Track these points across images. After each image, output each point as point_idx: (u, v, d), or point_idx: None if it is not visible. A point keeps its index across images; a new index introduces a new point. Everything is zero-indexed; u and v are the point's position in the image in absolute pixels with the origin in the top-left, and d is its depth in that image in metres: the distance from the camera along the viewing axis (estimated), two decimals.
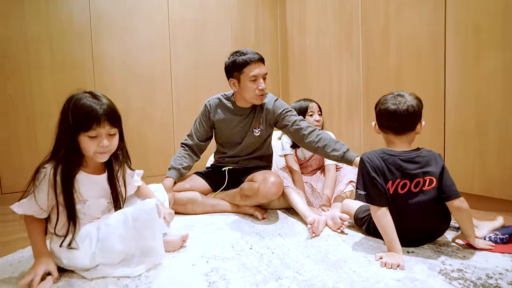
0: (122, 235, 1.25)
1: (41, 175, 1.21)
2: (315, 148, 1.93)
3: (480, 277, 1.21)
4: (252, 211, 1.98)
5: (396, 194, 1.41)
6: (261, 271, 1.30)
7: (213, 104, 2.12)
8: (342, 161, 1.86)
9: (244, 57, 1.91)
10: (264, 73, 1.95)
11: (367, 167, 1.43)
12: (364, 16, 2.71)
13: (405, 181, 1.41)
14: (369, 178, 1.41)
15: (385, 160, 1.43)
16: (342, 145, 1.87)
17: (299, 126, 1.97)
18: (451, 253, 1.41)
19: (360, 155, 1.50)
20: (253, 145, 2.12)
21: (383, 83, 2.58)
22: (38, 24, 2.55)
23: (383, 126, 1.48)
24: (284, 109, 2.03)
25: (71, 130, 1.19)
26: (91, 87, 2.74)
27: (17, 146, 2.51)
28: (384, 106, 1.44)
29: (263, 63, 1.96)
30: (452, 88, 2.11)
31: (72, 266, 1.28)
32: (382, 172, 1.42)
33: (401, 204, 1.41)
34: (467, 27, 2.01)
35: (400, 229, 1.39)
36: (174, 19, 3.12)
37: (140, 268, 1.29)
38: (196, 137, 2.15)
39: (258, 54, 1.95)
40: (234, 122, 2.08)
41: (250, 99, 1.99)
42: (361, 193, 1.44)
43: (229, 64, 1.97)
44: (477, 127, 2.00)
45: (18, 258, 1.48)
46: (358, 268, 1.30)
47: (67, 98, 1.25)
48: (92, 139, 1.21)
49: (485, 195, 2.00)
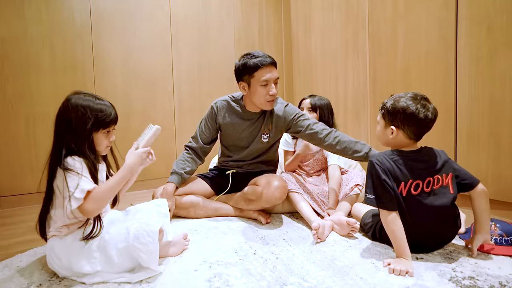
0: (120, 249, 1.27)
1: (77, 163, 1.25)
2: (335, 151, 1.91)
3: (493, 285, 1.19)
4: (255, 216, 1.97)
5: (409, 196, 1.40)
6: (265, 277, 1.29)
7: (220, 107, 2.08)
8: (367, 161, 1.83)
9: (256, 60, 1.86)
10: (276, 78, 1.90)
11: (377, 170, 1.40)
12: (371, 15, 2.70)
13: (418, 182, 1.40)
14: (379, 181, 1.39)
15: (395, 161, 1.41)
16: (363, 145, 1.85)
17: (314, 130, 1.94)
18: (462, 260, 1.39)
19: (370, 158, 1.47)
20: (260, 150, 2.10)
21: (390, 84, 2.56)
22: (37, 25, 2.56)
23: (403, 129, 1.43)
24: (295, 114, 2.01)
25: (93, 127, 1.30)
26: (92, 88, 2.75)
27: (16, 149, 2.51)
28: (411, 110, 1.38)
29: (275, 67, 1.91)
30: (464, 90, 2.09)
31: (71, 270, 1.28)
32: (394, 174, 1.40)
33: (415, 206, 1.39)
34: (480, 25, 1.99)
35: (412, 234, 1.38)
36: (176, 19, 3.13)
37: (141, 274, 1.29)
38: (201, 139, 2.12)
39: (271, 57, 1.90)
40: (242, 126, 2.05)
41: (259, 104, 1.94)
42: (370, 197, 1.42)
43: (239, 67, 1.92)
44: (490, 130, 1.98)
45: (16, 263, 1.48)
46: (365, 275, 1.29)
47: (71, 100, 1.30)
48: (106, 135, 1.36)
49: (499, 200, 1.97)
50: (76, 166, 1.25)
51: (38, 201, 1.33)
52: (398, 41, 2.49)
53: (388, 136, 1.48)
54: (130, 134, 2.41)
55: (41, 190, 1.34)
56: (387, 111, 1.46)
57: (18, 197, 2.52)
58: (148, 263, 1.27)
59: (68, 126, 1.28)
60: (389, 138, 1.48)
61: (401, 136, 1.44)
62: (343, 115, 3.03)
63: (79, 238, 1.30)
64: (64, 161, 1.25)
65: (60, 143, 1.28)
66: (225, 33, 3.39)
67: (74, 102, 1.29)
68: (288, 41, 3.72)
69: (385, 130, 1.49)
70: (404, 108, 1.40)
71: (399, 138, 1.45)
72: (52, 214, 1.31)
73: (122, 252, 1.27)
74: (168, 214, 1.55)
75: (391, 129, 1.45)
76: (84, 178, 1.24)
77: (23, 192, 2.53)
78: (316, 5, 3.28)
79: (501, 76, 1.91)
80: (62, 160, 1.25)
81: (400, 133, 1.44)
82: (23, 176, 2.54)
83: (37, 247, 1.63)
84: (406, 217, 1.38)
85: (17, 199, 2.51)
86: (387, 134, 1.48)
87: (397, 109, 1.42)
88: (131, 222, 1.33)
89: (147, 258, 1.25)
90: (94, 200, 1.24)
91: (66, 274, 1.31)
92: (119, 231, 1.30)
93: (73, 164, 1.25)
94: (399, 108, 1.41)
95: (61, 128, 1.29)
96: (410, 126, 1.41)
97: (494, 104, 1.96)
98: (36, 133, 2.57)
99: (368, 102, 2.79)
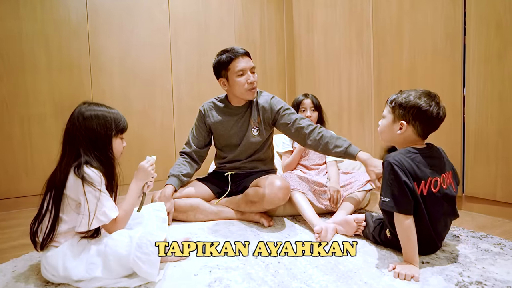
0: (121, 257, 1.27)
1: (97, 177, 1.31)
2: (316, 147, 1.96)
3: None
4: (257, 218, 1.98)
5: (430, 194, 1.39)
6: (267, 282, 1.30)
7: (207, 108, 2.18)
8: (346, 157, 1.88)
9: (228, 54, 1.99)
10: (251, 66, 2.01)
11: (396, 171, 1.35)
12: (376, 12, 2.72)
13: (436, 178, 1.40)
14: (399, 183, 1.34)
15: (413, 159, 1.39)
16: (344, 141, 1.90)
17: (300, 125, 2.00)
18: (469, 264, 1.39)
19: (385, 159, 1.42)
20: (253, 146, 2.13)
21: (395, 84, 2.57)
22: (32, 22, 2.57)
23: (413, 124, 1.42)
24: (281, 107, 2.07)
25: (113, 132, 1.40)
26: (88, 88, 2.76)
27: (11, 150, 2.53)
28: (426, 107, 1.38)
29: (248, 56, 2.03)
30: (472, 89, 2.10)
31: (68, 278, 1.29)
32: (414, 174, 1.37)
33: (434, 204, 1.40)
34: (488, 23, 2.00)
35: (426, 233, 1.40)
36: (175, 16, 3.15)
37: (139, 279, 1.30)
38: (194, 144, 2.19)
39: (243, 48, 2.02)
40: (231, 122, 2.12)
41: (241, 94, 2.03)
42: (386, 200, 1.37)
43: (215, 65, 2.05)
44: (499, 131, 1.99)
45: (12, 268, 1.49)
46: (370, 279, 1.30)
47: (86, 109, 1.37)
48: (121, 140, 1.46)
49: (509, 202, 1.98)
50: (96, 180, 1.29)
51: (34, 204, 1.34)
52: (403, 40, 2.50)
53: (394, 132, 1.46)
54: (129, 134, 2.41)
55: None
56: (399, 105, 1.44)
57: (13, 200, 2.53)
58: (146, 274, 1.27)
59: (88, 133, 1.33)
60: (395, 133, 1.46)
61: (409, 132, 1.43)
62: (347, 116, 3.04)
63: (77, 242, 1.31)
64: (83, 171, 1.28)
65: (76, 150, 1.31)
66: (225, 32, 3.41)
67: (91, 109, 1.37)
68: (290, 40, 3.73)
69: (392, 125, 1.47)
70: (419, 104, 1.39)
71: (407, 135, 1.44)
72: (62, 217, 1.31)
73: (122, 260, 1.28)
74: (166, 218, 1.56)
75: (401, 124, 1.43)
76: (104, 196, 1.31)
77: (18, 195, 2.55)
78: (319, 3, 3.30)
79: (511, 75, 1.92)
80: (82, 170, 1.28)
81: (410, 129, 1.43)
82: (18, 178, 2.55)
83: (33, 251, 1.63)
84: (423, 218, 1.38)
85: (12, 202, 2.53)
86: (394, 129, 1.46)
87: (411, 103, 1.41)
88: (134, 230, 1.35)
89: (146, 269, 1.26)
90: (121, 221, 1.37)
91: (62, 282, 1.32)
92: (121, 237, 1.31)
93: (93, 178, 1.29)
94: (413, 103, 1.40)
95: (78, 135, 1.32)
96: (421, 122, 1.41)
97: (504, 103, 1.96)
98: (31, 134, 2.59)
99: (372, 102, 2.79)
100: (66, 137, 1.35)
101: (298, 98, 2.40)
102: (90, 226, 1.27)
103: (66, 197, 1.30)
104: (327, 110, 2.57)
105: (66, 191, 1.29)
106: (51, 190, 1.31)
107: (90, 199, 1.27)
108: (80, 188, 1.27)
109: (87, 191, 1.27)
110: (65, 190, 1.29)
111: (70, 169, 1.29)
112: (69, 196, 1.29)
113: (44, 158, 2.60)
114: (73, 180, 1.28)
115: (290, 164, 2.33)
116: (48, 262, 1.30)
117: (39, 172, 2.58)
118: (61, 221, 1.31)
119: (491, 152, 2.03)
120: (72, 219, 1.31)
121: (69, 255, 1.29)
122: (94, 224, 1.28)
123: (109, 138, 1.38)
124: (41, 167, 2.60)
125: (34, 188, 2.53)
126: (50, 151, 2.57)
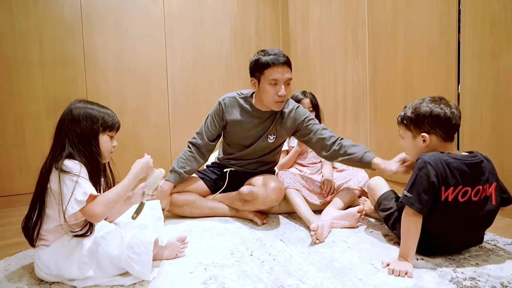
0: (112, 257, 1.27)
1: (76, 166, 1.27)
2: (336, 159, 1.94)
3: (495, 286, 1.21)
4: (251, 217, 1.98)
5: (455, 202, 1.35)
6: (262, 279, 1.30)
7: (228, 103, 2.06)
8: (362, 165, 1.87)
9: (268, 58, 1.85)
10: (288, 79, 1.88)
11: (428, 170, 1.33)
12: (371, 10, 2.72)
13: (467, 188, 1.36)
14: (426, 182, 1.33)
15: (448, 164, 1.35)
16: (360, 147, 1.88)
17: (322, 136, 1.96)
18: (463, 260, 1.41)
19: (420, 156, 1.39)
20: (264, 150, 2.10)
21: (390, 81, 2.58)
22: (26, 19, 2.55)
23: (434, 132, 1.40)
24: (306, 116, 2.02)
25: (100, 127, 1.36)
26: (83, 85, 2.74)
27: (4, 148, 2.51)
28: (437, 111, 1.37)
29: (288, 67, 1.89)
30: (467, 87, 2.11)
31: (61, 277, 1.29)
32: (445, 178, 1.34)
33: (456, 213, 1.36)
34: (483, 21, 2.01)
35: (436, 239, 1.40)
36: (170, 14, 3.14)
37: (133, 278, 1.29)
38: (207, 136, 2.08)
39: (286, 56, 1.89)
40: (250, 125, 2.03)
41: (267, 103, 1.93)
42: (408, 195, 1.36)
43: (252, 63, 1.93)
44: (493, 129, 2.00)
45: (5, 267, 1.48)
46: (365, 276, 1.30)
47: (77, 104, 1.35)
48: (110, 139, 1.41)
49: None
50: (75, 168, 1.26)
51: (28, 202, 1.33)
52: (398, 38, 2.51)
53: (420, 146, 1.44)
54: (123, 133, 2.41)
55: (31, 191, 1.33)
56: (410, 120, 1.43)
57: (6, 198, 2.51)
58: (139, 274, 1.26)
59: (74, 126, 1.31)
60: (421, 148, 1.43)
61: (434, 140, 1.41)
62: (342, 113, 3.04)
63: (68, 240, 1.30)
64: (62, 163, 1.25)
65: (62, 144, 1.30)
66: (220, 28, 3.40)
67: (82, 105, 1.35)
68: (285, 37, 3.73)
69: (414, 142, 1.45)
70: (429, 111, 1.39)
71: (434, 144, 1.42)
72: (47, 213, 1.30)
73: (114, 260, 1.27)
74: (162, 217, 1.55)
75: (422, 136, 1.42)
76: (83, 179, 1.25)
77: (11, 193, 2.53)
78: (314, 0, 3.30)
79: (506, 73, 1.94)
80: (61, 162, 1.25)
81: (433, 137, 1.41)
82: (12, 177, 2.53)
83: (26, 250, 1.63)
84: (436, 223, 1.37)
85: (5, 200, 2.51)
86: (418, 144, 1.44)
87: (422, 114, 1.40)
88: (125, 230, 1.34)
89: (139, 269, 1.25)
90: (100, 204, 1.26)
91: (55, 281, 1.31)
92: (113, 237, 1.30)
93: (71, 167, 1.25)
94: (424, 113, 1.40)
95: (65, 129, 1.31)
96: (440, 127, 1.39)
97: (498, 102, 1.98)
98: (24, 132, 2.57)
99: (367, 100, 2.80)
100: (55, 132, 1.33)
101: (297, 97, 2.37)
102: (67, 209, 1.20)
103: (50, 191, 1.27)
104: (323, 108, 2.58)
105: (50, 184, 1.27)
106: (38, 185, 1.30)
107: (68, 183, 1.23)
108: (58, 178, 1.24)
109: (65, 179, 1.24)
110: (48, 184, 1.28)
111: (53, 163, 1.27)
112: (52, 189, 1.27)
113: (38, 156, 2.57)
114: (54, 172, 1.26)
115: (285, 163, 2.35)
116: (41, 261, 1.29)
117: (33, 170, 2.55)
118: (47, 217, 1.29)
119: (485, 150, 2.03)
120: (57, 215, 1.28)
121: (60, 254, 1.28)
122: (74, 207, 1.21)
123: (95, 133, 1.34)
124: (35, 165, 2.57)
125: (27, 186, 2.52)
126: (44, 148, 2.52)
